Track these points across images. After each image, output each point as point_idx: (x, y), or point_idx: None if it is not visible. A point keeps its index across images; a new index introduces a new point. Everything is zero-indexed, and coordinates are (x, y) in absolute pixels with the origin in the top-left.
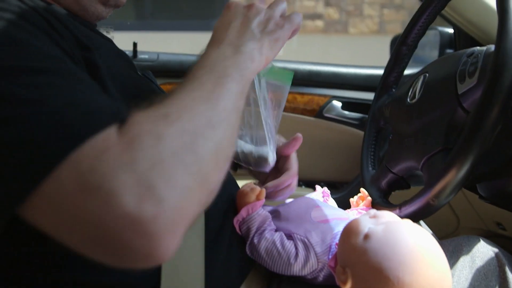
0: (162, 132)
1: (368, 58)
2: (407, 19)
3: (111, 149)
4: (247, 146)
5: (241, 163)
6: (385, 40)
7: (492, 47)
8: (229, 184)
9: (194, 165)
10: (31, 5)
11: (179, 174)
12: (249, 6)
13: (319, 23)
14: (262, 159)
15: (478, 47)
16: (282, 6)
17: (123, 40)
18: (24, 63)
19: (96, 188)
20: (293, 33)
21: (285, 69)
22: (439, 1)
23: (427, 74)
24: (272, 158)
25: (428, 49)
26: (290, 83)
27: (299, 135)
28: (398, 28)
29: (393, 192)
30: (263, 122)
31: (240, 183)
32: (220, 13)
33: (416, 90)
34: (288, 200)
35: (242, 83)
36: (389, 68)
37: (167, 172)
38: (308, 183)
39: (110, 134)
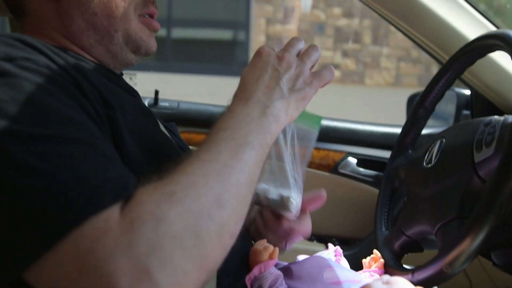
0: (164, 215)
1: (383, 110)
2: (423, 73)
3: (110, 231)
4: (270, 190)
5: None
6: (400, 93)
7: (509, 118)
8: (243, 241)
9: (194, 248)
10: (59, 63)
11: (177, 259)
12: (281, 57)
13: (336, 73)
14: (285, 204)
15: (495, 117)
16: (314, 57)
17: (142, 80)
18: (42, 130)
19: (92, 269)
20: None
21: (313, 113)
22: (458, 66)
23: (444, 140)
24: (295, 206)
25: (443, 104)
26: (319, 128)
27: (324, 193)
28: (414, 82)
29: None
30: (288, 168)
31: None
32: (239, 58)
33: (432, 155)
34: (301, 258)
35: (261, 152)
36: (405, 129)
37: (164, 256)
38: (320, 238)
39: (112, 213)
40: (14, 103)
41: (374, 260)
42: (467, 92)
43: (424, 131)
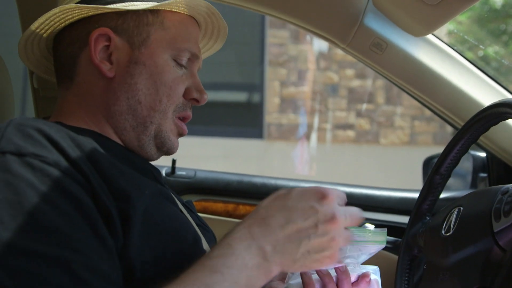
0: None
1: (399, 169)
2: (438, 131)
3: None
4: None
5: None
6: (416, 152)
7: None
8: None
9: None
10: (72, 158)
11: None
12: (330, 221)
13: (351, 133)
14: None
15: None
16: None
17: None
18: (21, 241)
19: None
20: None
21: (378, 229)
22: (473, 133)
23: (461, 208)
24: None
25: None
26: (385, 242)
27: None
28: (429, 140)
29: None
30: None
31: None
32: (253, 120)
33: (451, 223)
34: None
35: None
36: (422, 196)
37: None
38: None
39: None
40: (5, 204)
41: None
42: (483, 154)
43: (442, 194)
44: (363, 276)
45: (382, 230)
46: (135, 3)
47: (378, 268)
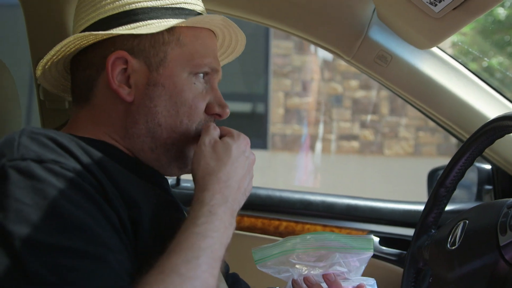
0: None
1: (403, 180)
2: (442, 142)
3: None
4: None
5: None
6: (420, 163)
7: None
8: None
9: None
10: (87, 165)
11: None
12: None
13: (355, 144)
14: None
15: None
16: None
17: None
18: (58, 241)
19: None
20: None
21: (365, 236)
22: (477, 146)
23: (467, 222)
24: None
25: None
26: (372, 248)
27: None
28: (433, 151)
29: None
30: None
31: None
32: (258, 130)
33: (456, 237)
34: None
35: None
36: (427, 209)
37: None
38: None
39: None
40: (36, 209)
41: None
42: (488, 166)
43: (447, 207)
44: (358, 287)
45: (368, 236)
46: (149, 21)
47: (375, 281)
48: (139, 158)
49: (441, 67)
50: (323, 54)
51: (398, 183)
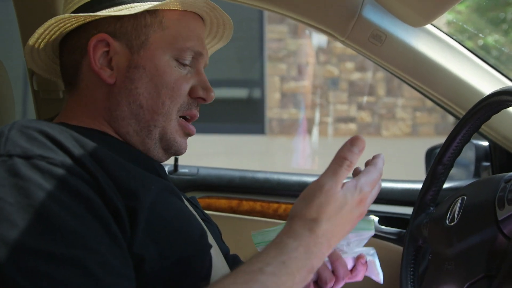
0: None
1: (401, 161)
2: (440, 122)
3: None
4: None
5: None
6: (418, 143)
7: None
8: None
9: None
10: (78, 158)
11: None
12: (361, 201)
13: (352, 126)
14: None
15: None
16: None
17: None
18: (37, 244)
19: None
20: None
21: (365, 217)
22: (474, 122)
23: (465, 197)
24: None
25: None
26: (373, 228)
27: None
28: (431, 131)
29: None
30: None
31: None
32: (254, 116)
33: (454, 213)
34: None
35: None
36: (426, 187)
37: None
38: None
39: None
40: (18, 208)
41: None
42: (485, 143)
43: (445, 184)
44: (358, 258)
45: (368, 217)
46: (132, 5)
47: (375, 250)
48: (129, 144)
49: (436, 44)
50: (318, 37)
51: (397, 164)
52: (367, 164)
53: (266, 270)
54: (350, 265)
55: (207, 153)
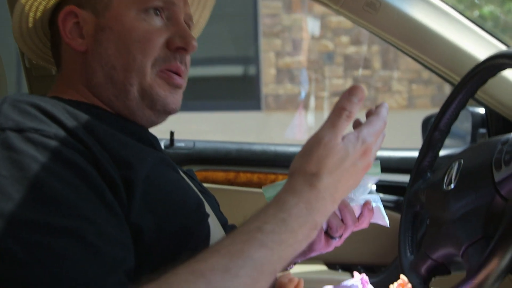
0: None
1: (398, 133)
2: (436, 93)
3: None
4: None
5: None
6: (414, 115)
7: None
8: None
9: None
10: (71, 129)
11: None
12: (365, 152)
13: None
14: None
15: None
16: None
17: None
18: (33, 216)
19: None
20: None
21: None
22: (470, 87)
23: (462, 161)
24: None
25: (459, 122)
26: (380, 172)
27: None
28: (427, 103)
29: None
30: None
31: None
32: (250, 92)
33: (452, 177)
34: None
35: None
36: (422, 153)
37: None
38: (344, 266)
39: None
40: (12, 181)
41: (401, 286)
42: (482, 110)
43: (442, 152)
44: (365, 205)
45: (376, 161)
46: None
47: (379, 196)
48: (117, 113)
49: (432, 11)
50: (313, 12)
51: (393, 136)
52: (368, 114)
53: (265, 228)
54: (357, 213)
55: (203, 130)
